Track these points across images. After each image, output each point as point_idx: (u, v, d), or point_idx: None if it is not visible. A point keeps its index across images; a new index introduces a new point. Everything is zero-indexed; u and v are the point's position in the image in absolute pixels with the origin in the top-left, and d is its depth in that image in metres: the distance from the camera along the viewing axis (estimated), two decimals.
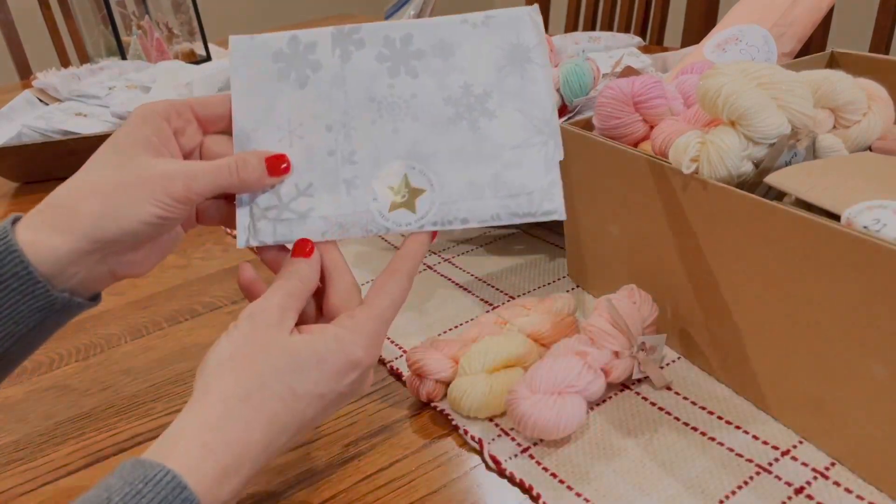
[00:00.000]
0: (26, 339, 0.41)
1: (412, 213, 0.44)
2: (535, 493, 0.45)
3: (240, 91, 0.45)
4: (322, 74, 0.45)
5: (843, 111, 0.51)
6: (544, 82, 0.44)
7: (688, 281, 0.52)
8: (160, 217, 0.41)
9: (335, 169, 0.44)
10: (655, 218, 0.53)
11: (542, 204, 0.44)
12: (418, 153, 0.44)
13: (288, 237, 0.44)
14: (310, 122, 0.44)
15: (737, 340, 0.49)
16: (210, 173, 0.42)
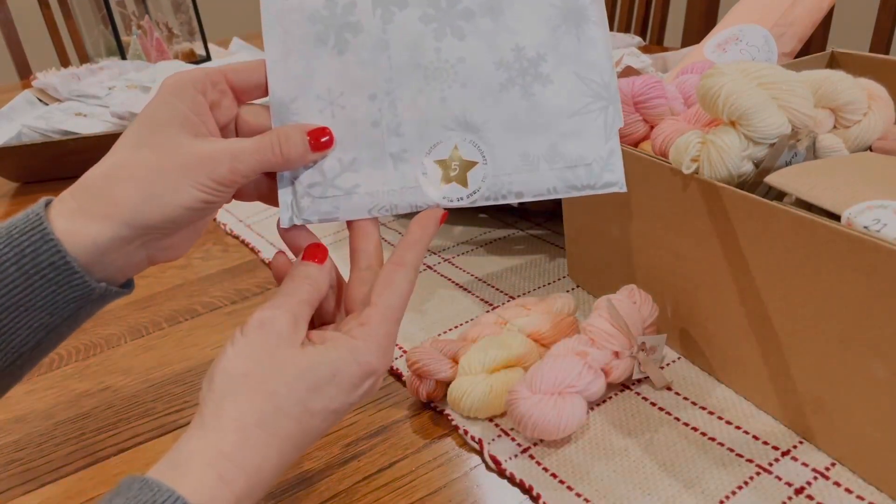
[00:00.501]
0: (59, 329, 0.39)
1: (463, 188, 0.41)
2: (535, 493, 0.44)
3: (274, 57, 0.42)
4: (363, 38, 0.42)
5: (844, 111, 0.51)
6: (602, 42, 0.41)
7: (688, 281, 0.52)
8: (205, 202, 0.39)
9: (381, 142, 0.42)
10: (655, 218, 0.52)
11: (601, 175, 0.41)
12: (468, 123, 0.41)
13: (333, 215, 0.42)
14: (351, 90, 0.42)
15: (737, 340, 0.49)
16: (254, 152, 0.39)
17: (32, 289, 0.37)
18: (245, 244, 0.80)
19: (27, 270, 0.37)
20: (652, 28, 1.54)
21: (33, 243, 0.37)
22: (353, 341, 0.37)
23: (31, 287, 0.37)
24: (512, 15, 0.42)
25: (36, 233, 0.37)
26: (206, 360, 0.61)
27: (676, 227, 0.51)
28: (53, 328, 0.39)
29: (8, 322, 0.37)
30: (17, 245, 0.37)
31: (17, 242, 0.37)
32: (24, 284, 0.37)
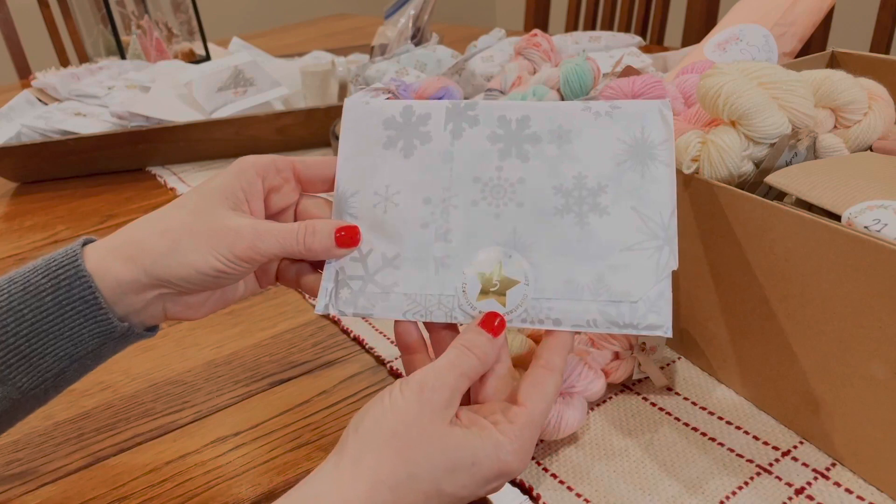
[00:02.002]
0: (83, 361, 0.41)
1: (501, 306, 0.41)
2: (535, 493, 0.44)
3: (346, 154, 0.44)
4: (430, 147, 0.43)
5: (844, 111, 0.51)
6: (668, 182, 0.41)
7: (688, 281, 0.51)
8: (218, 271, 0.41)
9: (427, 244, 0.42)
10: None
11: (646, 316, 0.40)
12: (518, 241, 0.41)
13: (368, 311, 0.42)
14: (408, 191, 0.43)
15: (737, 340, 0.49)
16: (277, 236, 0.41)
17: (63, 318, 0.40)
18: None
19: (61, 301, 0.39)
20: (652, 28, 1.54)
21: (68, 277, 0.39)
22: (500, 436, 0.38)
23: (63, 317, 0.40)
24: (579, 145, 0.42)
25: (71, 268, 0.40)
26: (206, 360, 0.61)
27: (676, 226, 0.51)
28: (77, 359, 0.41)
29: (38, 346, 0.40)
30: (55, 277, 0.40)
31: (54, 275, 0.40)
32: (56, 313, 0.39)
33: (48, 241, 0.86)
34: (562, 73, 0.68)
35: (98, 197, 0.97)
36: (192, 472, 0.49)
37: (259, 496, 0.47)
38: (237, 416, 0.54)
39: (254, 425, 0.53)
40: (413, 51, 1.04)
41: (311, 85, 1.12)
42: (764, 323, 0.46)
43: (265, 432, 0.52)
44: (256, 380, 0.58)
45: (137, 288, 0.41)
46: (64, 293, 0.39)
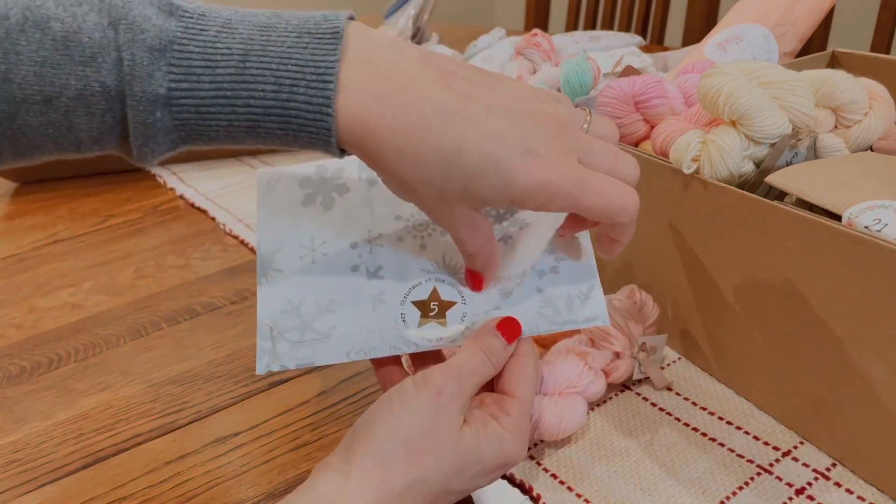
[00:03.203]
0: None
1: (443, 328, 0.42)
2: (535, 493, 0.44)
3: (265, 220, 0.44)
4: (349, 196, 0.44)
5: (845, 111, 0.51)
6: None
7: (688, 281, 0.51)
8: None
9: (360, 284, 0.42)
10: (656, 218, 0.52)
11: (582, 310, 0.42)
12: (448, 265, 0.42)
13: (311, 360, 0.42)
14: (334, 239, 0.43)
15: (737, 340, 0.49)
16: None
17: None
18: (245, 244, 0.80)
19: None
20: (652, 28, 1.54)
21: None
22: (503, 431, 0.38)
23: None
24: None
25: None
26: (206, 360, 0.61)
27: (677, 227, 0.51)
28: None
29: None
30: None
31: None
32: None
33: (48, 241, 0.86)
34: (562, 72, 0.68)
35: (98, 197, 0.97)
36: (192, 472, 0.49)
37: (259, 496, 0.47)
38: (237, 416, 0.54)
39: (254, 425, 0.53)
40: None
41: None
42: (764, 323, 0.46)
43: (265, 432, 0.52)
44: (256, 380, 0.58)
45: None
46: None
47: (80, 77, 0.34)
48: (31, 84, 0.34)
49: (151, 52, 0.34)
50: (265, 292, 0.43)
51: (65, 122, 0.35)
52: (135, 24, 0.34)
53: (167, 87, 0.34)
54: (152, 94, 0.34)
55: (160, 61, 0.34)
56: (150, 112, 0.34)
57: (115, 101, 0.34)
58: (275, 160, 1.02)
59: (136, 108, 0.34)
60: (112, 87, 0.34)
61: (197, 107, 0.35)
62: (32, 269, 0.80)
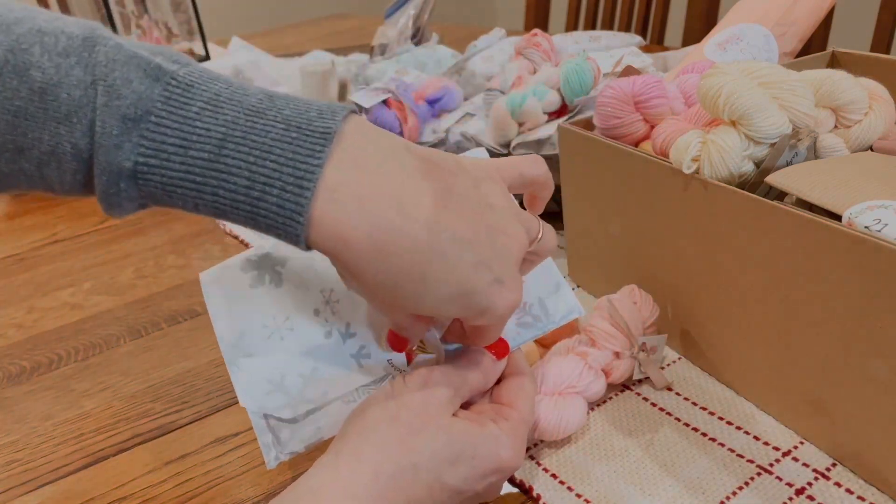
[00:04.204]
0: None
1: (428, 354, 0.42)
2: (535, 493, 0.44)
3: (218, 314, 0.42)
4: (291, 264, 0.43)
5: (845, 111, 0.51)
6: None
7: (688, 281, 0.51)
8: None
9: (337, 348, 0.42)
10: (656, 218, 0.52)
11: (557, 308, 0.44)
12: None
13: (318, 436, 0.42)
14: (295, 312, 0.42)
15: (737, 340, 0.49)
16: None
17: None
18: (245, 244, 0.80)
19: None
20: (652, 28, 1.54)
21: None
22: (499, 432, 0.38)
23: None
24: None
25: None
26: (206, 360, 0.61)
27: (676, 227, 0.51)
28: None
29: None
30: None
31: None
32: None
33: (48, 241, 0.86)
34: (562, 72, 0.68)
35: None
36: (192, 472, 0.49)
37: (259, 496, 0.47)
38: (237, 416, 0.54)
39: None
40: (413, 51, 1.03)
41: (311, 85, 1.12)
42: (764, 323, 0.46)
43: None
44: None
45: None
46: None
47: (54, 134, 0.32)
48: (3, 132, 0.32)
49: (124, 122, 0.32)
50: (242, 381, 0.41)
51: (37, 172, 0.33)
52: (113, 87, 0.32)
53: (134, 160, 0.32)
54: (118, 166, 0.32)
55: (132, 132, 0.32)
56: (114, 182, 0.33)
57: (85, 164, 0.33)
58: None
59: (101, 176, 0.32)
60: (84, 150, 0.32)
61: (164, 185, 0.32)
62: (32, 269, 0.80)
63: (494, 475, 0.38)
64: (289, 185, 0.31)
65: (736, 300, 0.48)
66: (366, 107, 0.74)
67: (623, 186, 0.55)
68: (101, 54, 0.32)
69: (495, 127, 0.69)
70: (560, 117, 0.69)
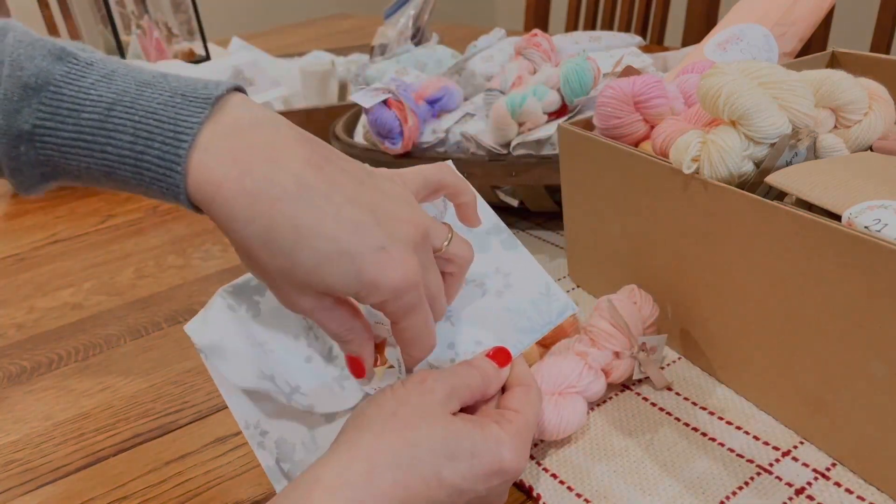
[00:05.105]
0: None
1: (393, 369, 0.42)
2: (535, 493, 0.44)
3: (198, 334, 0.43)
4: (269, 295, 0.43)
5: (844, 111, 0.51)
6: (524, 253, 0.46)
7: (688, 281, 0.51)
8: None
9: (320, 372, 0.42)
10: (656, 218, 0.52)
11: (551, 308, 0.44)
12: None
13: (320, 443, 0.42)
14: (275, 338, 0.43)
15: (737, 340, 0.49)
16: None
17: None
18: None
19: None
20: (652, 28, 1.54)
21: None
22: (501, 433, 0.38)
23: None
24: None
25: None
26: None
27: (676, 227, 0.51)
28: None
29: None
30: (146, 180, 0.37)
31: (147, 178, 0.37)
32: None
33: (48, 241, 0.86)
34: (562, 72, 0.68)
35: (98, 197, 0.97)
36: (192, 472, 0.49)
37: (259, 496, 0.47)
38: None
39: None
40: (413, 51, 1.03)
41: (311, 85, 1.12)
42: (764, 323, 0.46)
43: None
44: None
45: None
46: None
47: None
48: None
49: (25, 90, 0.35)
50: (228, 367, 0.41)
51: None
52: (17, 61, 0.35)
53: (32, 123, 0.35)
54: (17, 129, 0.35)
55: (32, 99, 0.35)
56: (15, 146, 0.36)
57: None
58: None
59: (2, 140, 0.35)
60: None
61: (59, 146, 0.36)
62: (32, 269, 0.80)
63: (496, 477, 0.38)
64: (169, 139, 0.35)
65: (736, 300, 0.48)
66: (366, 107, 0.74)
67: (623, 186, 0.55)
68: (10, 38, 0.36)
69: (495, 127, 0.69)
70: (560, 117, 0.69)
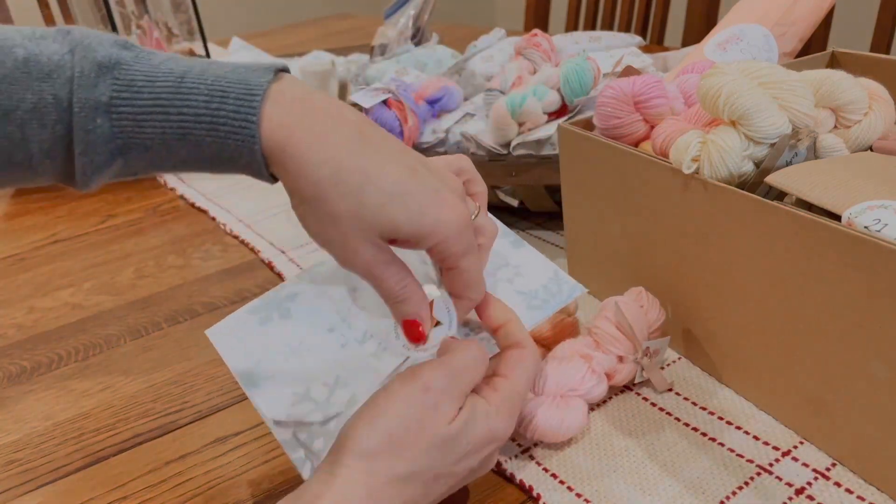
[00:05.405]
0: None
1: (444, 328, 0.43)
2: (535, 493, 0.44)
3: (229, 353, 0.44)
4: (301, 298, 0.45)
5: (844, 111, 0.51)
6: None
7: (688, 281, 0.51)
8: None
9: (357, 354, 0.43)
10: (656, 218, 0.52)
11: (561, 289, 0.47)
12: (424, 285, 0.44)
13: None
14: (309, 335, 0.44)
15: (737, 340, 0.49)
16: (384, 280, 0.41)
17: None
18: (245, 244, 0.80)
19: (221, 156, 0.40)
20: (652, 28, 1.54)
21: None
22: (488, 406, 0.39)
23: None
24: None
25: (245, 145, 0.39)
26: (206, 360, 0.61)
27: (676, 227, 0.51)
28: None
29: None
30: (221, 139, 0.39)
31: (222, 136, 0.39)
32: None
33: (48, 241, 0.86)
34: (562, 72, 0.68)
35: (98, 197, 0.97)
36: (192, 472, 0.49)
37: (259, 496, 0.47)
38: (237, 416, 0.54)
39: (254, 425, 0.53)
40: (413, 51, 1.03)
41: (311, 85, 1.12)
42: (764, 323, 0.46)
43: (265, 432, 0.52)
44: None
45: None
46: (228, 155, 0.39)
47: (37, 91, 0.38)
48: None
49: (99, 67, 0.38)
50: (263, 398, 0.42)
51: (19, 134, 0.38)
52: (89, 48, 0.38)
53: (109, 94, 0.38)
54: (94, 101, 0.37)
55: (106, 75, 0.38)
56: (92, 118, 0.37)
57: (65, 112, 0.38)
58: None
59: (80, 114, 0.37)
60: (64, 99, 0.38)
61: (135, 114, 0.38)
62: (32, 269, 0.80)
63: (488, 447, 0.39)
64: (242, 95, 0.38)
65: (736, 300, 0.48)
66: (366, 107, 0.74)
67: (623, 186, 0.55)
68: (76, 33, 0.39)
69: (495, 127, 0.69)
70: (560, 117, 0.69)
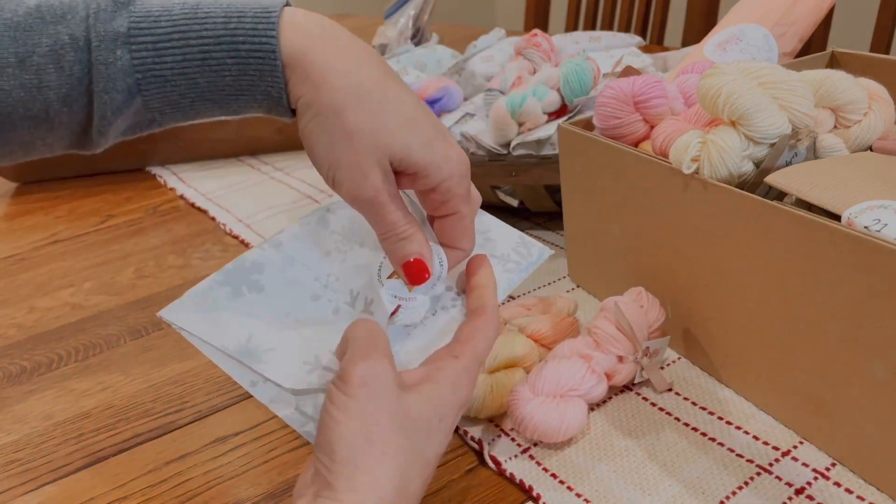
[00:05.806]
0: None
1: (409, 290, 0.43)
2: (535, 493, 0.44)
3: (204, 332, 0.42)
4: (270, 270, 0.44)
5: (844, 111, 0.51)
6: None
7: (688, 281, 0.51)
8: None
9: (352, 316, 0.43)
10: (656, 218, 0.52)
11: (530, 252, 0.48)
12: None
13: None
14: (293, 307, 0.43)
15: (737, 340, 0.49)
16: (383, 214, 0.41)
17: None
18: (244, 244, 0.80)
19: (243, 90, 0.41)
20: (652, 28, 1.54)
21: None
22: (452, 378, 0.39)
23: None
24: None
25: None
26: (206, 360, 0.60)
27: (676, 227, 0.51)
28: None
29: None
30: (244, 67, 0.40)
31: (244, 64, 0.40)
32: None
33: (48, 241, 0.86)
34: (562, 72, 0.68)
35: (98, 197, 0.97)
36: (192, 472, 0.49)
37: (259, 496, 0.47)
38: (237, 416, 0.54)
39: (254, 425, 0.53)
40: (413, 51, 1.03)
41: None
42: (764, 323, 0.46)
43: (265, 432, 0.52)
44: None
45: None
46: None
47: (52, 34, 0.38)
48: (6, 48, 0.37)
49: (116, 3, 0.39)
50: (274, 371, 0.41)
51: (36, 81, 0.38)
52: None
53: (128, 25, 0.38)
54: (113, 33, 0.38)
55: (123, 10, 0.39)
56: (112, 50, 0.38)
57: (83, 51, 0.38)
58: (274, 160, 1.02)
59: (99, 47, 0.38)
60: (80, 37, 0.38)
61: (154, 43, 0.38)
62: (32, 269, 0.80)
63: (459, 412, 0.40)
64: (259, 13, 0.39)
65: (736, 300, 0.48)
66: None
67: (623, 186, 0.55)
68: None
69: (495, 127, 0.69)
70: (560, 117, 0.69)
